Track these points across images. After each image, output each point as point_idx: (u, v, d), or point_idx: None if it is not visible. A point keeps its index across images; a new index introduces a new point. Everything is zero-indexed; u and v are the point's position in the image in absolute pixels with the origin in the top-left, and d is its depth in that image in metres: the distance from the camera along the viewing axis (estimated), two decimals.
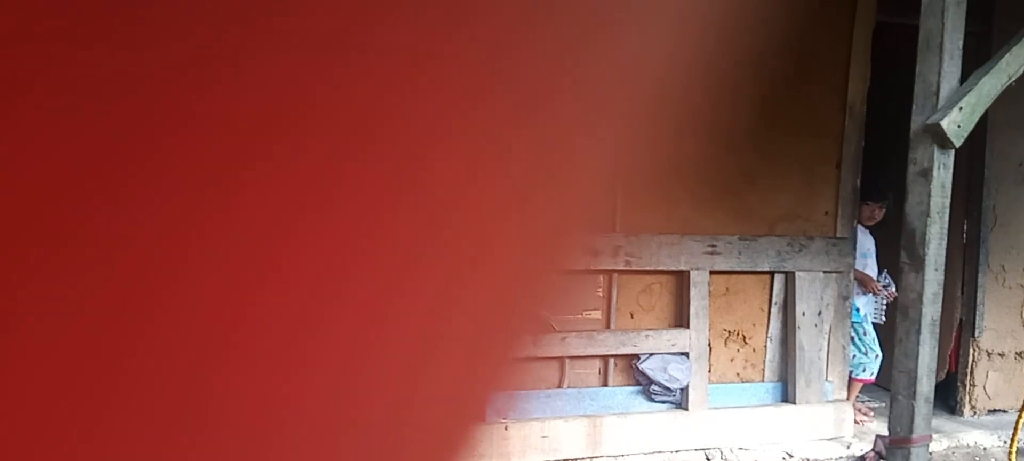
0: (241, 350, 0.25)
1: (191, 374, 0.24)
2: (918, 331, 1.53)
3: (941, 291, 1.58)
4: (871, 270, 3.78)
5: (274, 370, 0.26)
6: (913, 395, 1.55)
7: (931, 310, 1.54)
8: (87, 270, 0.22)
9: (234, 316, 0.25)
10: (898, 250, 1.77)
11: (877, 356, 3.75)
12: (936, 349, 1.56)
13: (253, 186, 0.24)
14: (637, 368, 3.39)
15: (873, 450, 1.71)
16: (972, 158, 3.80)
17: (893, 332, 1.95)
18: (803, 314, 3.55)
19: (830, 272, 3.61)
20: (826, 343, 3.64)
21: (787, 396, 3.61)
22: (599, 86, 0.34)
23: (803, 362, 3.56)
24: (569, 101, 0.33)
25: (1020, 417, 1.85)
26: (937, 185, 1.52)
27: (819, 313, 3.59)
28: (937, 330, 1.55)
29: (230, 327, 0.25)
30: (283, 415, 0.27)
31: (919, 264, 1.53)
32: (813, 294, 3.58)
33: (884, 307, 3.80)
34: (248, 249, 0.24)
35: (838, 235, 3.63)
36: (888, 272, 3.75)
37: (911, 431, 1.56)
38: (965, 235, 3.91)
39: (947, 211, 1.54)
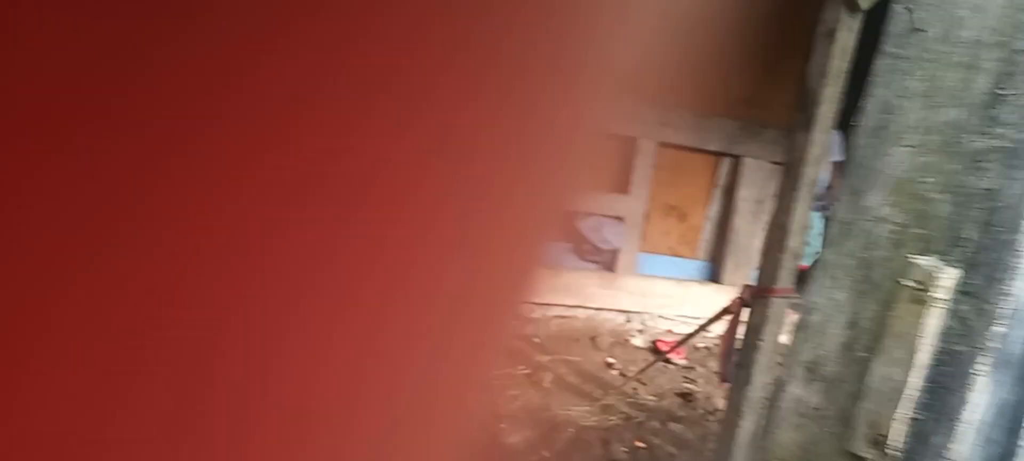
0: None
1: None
2: (796, 189, 1.57)
3: (826, 154, 1.60)
4: None
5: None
6: (782, 249, 1.60)
7: (813, 171, 1.57)
8: (74, 270, 0.22)
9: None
10: None
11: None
12: (809, 211, 1.61)
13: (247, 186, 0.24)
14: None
15: (739, 297, 1.79)
16: None
17: None
18: (743, 199, 3.60)
19: (779, 163, 3.64)
20: (762, 233, 3.71)
21: (715, 276, 3.71)
22: None
23: (735, 246, 3.64)
24: None
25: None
26: (839, 48, 1.51)
27: (759, 201, 3.64)
28: (814, 190, 1.59)
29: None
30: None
31: (809, 124, 1.55)
32: (757, 181, 3.62)
33: None
34: (248, 250, 0.24)
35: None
36: None
37: (774, 283, 1.63)
38: None
39: (844, 74, 1.55)
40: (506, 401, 3.02)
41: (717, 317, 1.92)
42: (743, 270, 3.69)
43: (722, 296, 3.63)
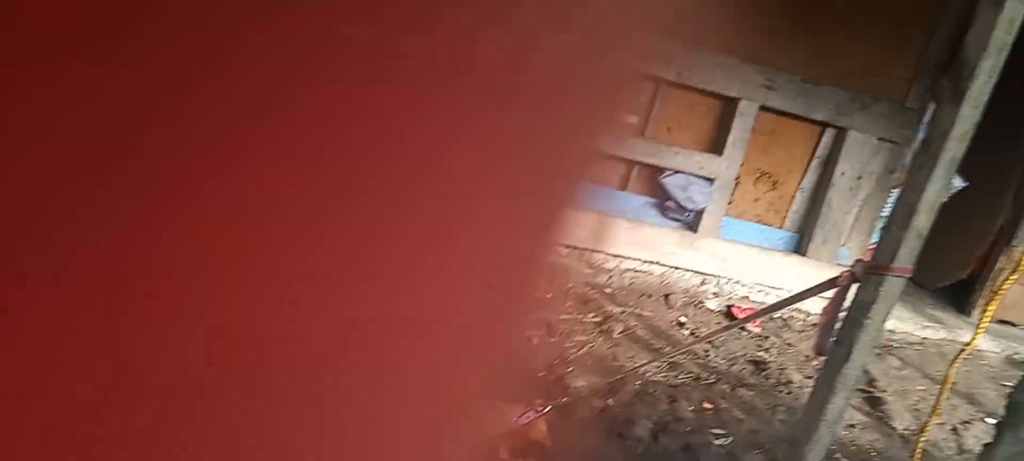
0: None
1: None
2: (933, 166, 1.48)
3: (972, 132, 1.50)
4: None
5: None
6: (906, 227, 1.52)
7: (955, 149, 1.47)
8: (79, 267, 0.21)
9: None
10: None
11: None
12: (943, 192, 1.51)
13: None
14: (659, 182, 3.39)
15: (850, 271, 1.72)
16: None
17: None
18: (842, 174, 3.46)
19: (885, 140, 3.47)
20: (857, 210, 3.57)
21: (800, 248, 3.60)
22: None
23: (826, 219, 3.51)
24: None
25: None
26: (1005, 19, 1.39)
27: (859, 177, 3.49)
28: (952, 172, 1.50)
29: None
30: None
31: (959, 98, 1.44)
32: (859, 157, 3.46)
33: None
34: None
35: (908, 105, 3.44)
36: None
37: (892, 261, 1.56)
38: None
39: (1007, 51, 1.43)
40: (573, 346, 3.03)
41: (817, 289, 1.85)
42: (830, 245, 3.56)
43: (805, 269, 3.52)
